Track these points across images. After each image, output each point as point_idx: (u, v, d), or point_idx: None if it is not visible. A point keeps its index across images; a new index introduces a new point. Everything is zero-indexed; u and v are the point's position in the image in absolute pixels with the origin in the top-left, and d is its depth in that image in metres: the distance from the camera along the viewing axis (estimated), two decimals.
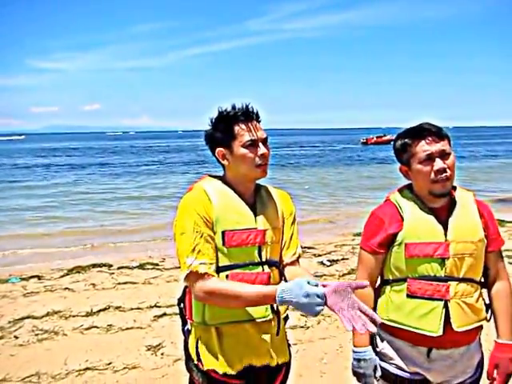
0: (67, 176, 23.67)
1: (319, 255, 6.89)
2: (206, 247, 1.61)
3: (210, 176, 1.79)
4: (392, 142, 1.83)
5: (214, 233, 1.65)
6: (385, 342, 1.82)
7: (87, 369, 3.53)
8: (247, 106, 1.68)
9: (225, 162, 1.71)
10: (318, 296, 1.34)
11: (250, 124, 1.66)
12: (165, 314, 4.61)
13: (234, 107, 1.68)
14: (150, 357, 3.74)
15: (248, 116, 1.67)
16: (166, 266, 6.57)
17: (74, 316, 4.65)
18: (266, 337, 1.73)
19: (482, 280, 1.79)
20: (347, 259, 6.64)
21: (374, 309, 1.81)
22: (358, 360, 1.76)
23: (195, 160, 34.83)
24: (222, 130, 1.67)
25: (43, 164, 32.86)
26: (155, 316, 4.60)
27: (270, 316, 1.69)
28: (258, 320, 1.67)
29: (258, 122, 1.71)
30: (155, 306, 4.90)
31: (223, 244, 1.64)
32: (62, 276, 6.19)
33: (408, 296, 1.72)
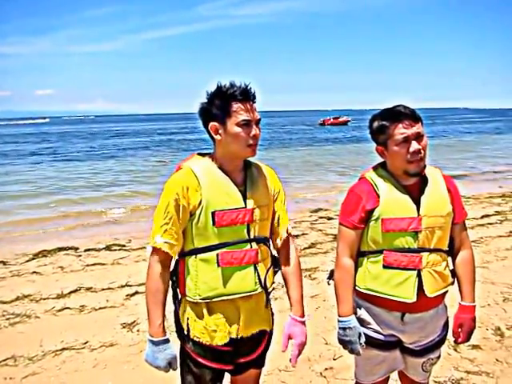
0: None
1: None
2: (173, 229, 1.61)
3: (199, 154, 1.75)
4: (348, 123, 1.82)
5: (201, 213, 1.62)
6: (362, 308, 1.87)
7: (64, 349, 3.41)
8: (246, 86, 1.63)
9: (217, 137, 1.66)
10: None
11: (247, 104, 1.62)
12: (137, 293, 4.51)
13: (233, 85, 1.62)
14: (126, 334, 3.66)
15: (246, 96, 1.62)
16: (132, 246, 6.40)
17: (44, 299, 4.46)
18: (255, 310, 1.74)
19: (447, 249, 1.85)
20: (307, 234, 6.74)
21: (354, 279, 1.84)
22: (344, 328, 1.79)
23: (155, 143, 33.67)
24: (219, 105, 1.61)
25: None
26: (127, 295, 4.50)
27: (259, 290, 1.70)
28: (248, 293, 1.68)
29: (254, 102, 1.66)
30: (126, 285, 4.78)
31: (213, 224, 1.62)
32: (28, 260, 5.89)
33: (384, 267, 1.76)
